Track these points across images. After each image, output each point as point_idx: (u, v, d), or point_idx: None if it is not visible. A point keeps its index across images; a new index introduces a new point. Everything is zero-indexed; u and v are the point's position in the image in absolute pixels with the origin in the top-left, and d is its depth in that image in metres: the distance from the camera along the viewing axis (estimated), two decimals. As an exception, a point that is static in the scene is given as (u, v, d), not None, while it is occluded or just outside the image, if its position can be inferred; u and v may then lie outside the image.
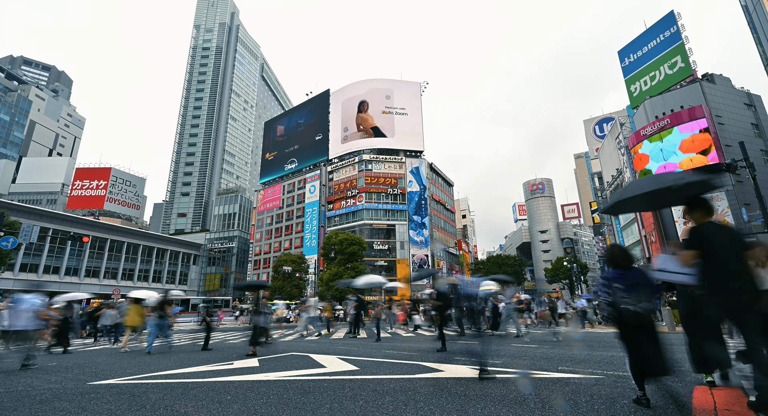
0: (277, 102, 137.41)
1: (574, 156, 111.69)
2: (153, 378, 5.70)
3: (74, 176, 75.93)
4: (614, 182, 50.45)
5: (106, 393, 4.64)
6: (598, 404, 3.52)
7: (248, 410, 3.62)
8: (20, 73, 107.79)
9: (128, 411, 3.71)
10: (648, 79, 43.02)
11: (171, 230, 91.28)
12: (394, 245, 56.20)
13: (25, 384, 5.46)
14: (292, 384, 4.93)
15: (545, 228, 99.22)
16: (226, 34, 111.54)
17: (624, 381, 4.60)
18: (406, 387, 4.51)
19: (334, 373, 5.70)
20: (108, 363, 7.71)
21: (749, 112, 38.89)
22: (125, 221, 73.81)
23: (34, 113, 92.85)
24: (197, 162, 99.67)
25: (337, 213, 60.52)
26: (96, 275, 53.95)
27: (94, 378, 5.77)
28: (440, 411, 3.43)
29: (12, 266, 44.21)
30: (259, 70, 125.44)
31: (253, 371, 6.14)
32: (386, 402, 3.79)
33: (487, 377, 4.81)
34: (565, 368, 5.70)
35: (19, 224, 32.31)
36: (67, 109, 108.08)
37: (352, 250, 43.42)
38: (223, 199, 79.60)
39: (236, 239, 74.04)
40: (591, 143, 77.46)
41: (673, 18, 40.81)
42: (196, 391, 4.59)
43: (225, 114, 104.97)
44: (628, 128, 44.78)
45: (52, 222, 49.20)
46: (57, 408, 3.87)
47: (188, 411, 3.65)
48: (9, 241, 21.48)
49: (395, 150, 62.27)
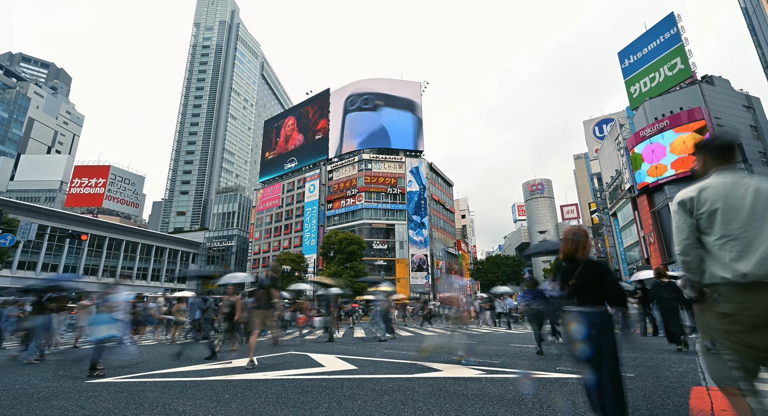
0: (277, 101, 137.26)
1: (573, 157, 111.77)
2: (151, 376, 5.70)
3: (73, 174, 75.71)
4: (613, 183, 50.50)
5: (104, 391, 4.63)
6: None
7: (246, 409, 3.62)
8: (19, 70, 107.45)
9: (126, 409, 3.71)
10: (648, 81, 43.08)
11: (170, 228, 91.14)
12: (394, 244, 56.20)
13: (22, 381, 5.46)
14: (290, 383, 4.92)
15: (544, 229, 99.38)
16: (226, 32, 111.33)
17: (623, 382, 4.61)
18: (404, 387, 4.51)
19: (333, 372, 5.70)
20: (106, 362, 7.70)
21: (748, 114, 39.00)
22: (124, 219, 73.65)
23: (32, 110, 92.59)
24: (197, 160, 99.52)
25: (337, 212, 60.49)
26: (94, 273, 53.83)
27: (92, 376, 5.77)
28: (438, 410, 3.44)
29: (10, 263, 44.10)
30: (259, 68, 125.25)
31: (251, 370, 6.14)
32: (384, 402, 3.79)
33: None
34: (563, 368, 5.71)
35: (17, 222, 32.26)
36: (65, 106, 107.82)
37: (351, 249, 43.41)
38: (222, 197, 79.50)
39: (235, 238, 73.95)
40: (590, 143, 77.55)
41: (673, 20, 40.87)
42: (194, 390, 4.59)
43: (225, 112, 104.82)
44: (627, 129, 44.85)
45: (51, 220, 49.07)
46: (55, 406, 3.86)
47: (186, 409, 3.65)
48: (7, 238, 21.44)
49: (395, 150, 62.26)
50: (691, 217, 2.02)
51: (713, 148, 2.12)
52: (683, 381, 4.58)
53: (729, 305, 1.82)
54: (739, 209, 1.88)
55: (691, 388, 4.14)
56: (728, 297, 1.83)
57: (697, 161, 2.19)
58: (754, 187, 1.90)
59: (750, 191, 1.89)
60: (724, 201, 1.91)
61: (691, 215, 2.02)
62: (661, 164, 36.52)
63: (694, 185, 2.06)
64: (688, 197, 2.03)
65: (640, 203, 40.48)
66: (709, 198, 1.95)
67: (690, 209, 2.02)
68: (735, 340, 1.80)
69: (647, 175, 37.87)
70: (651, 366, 5.73)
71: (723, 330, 1.84)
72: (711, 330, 1.92)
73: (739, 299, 1.80)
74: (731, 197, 1.91)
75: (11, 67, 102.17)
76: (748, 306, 1.76)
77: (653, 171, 37.19)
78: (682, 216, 2.04)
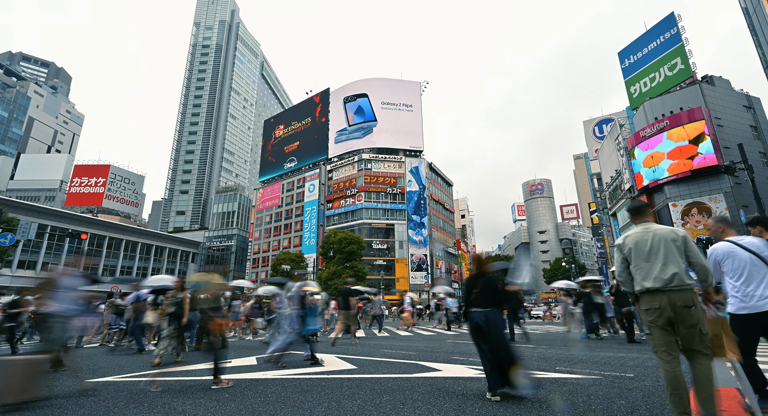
0: (277, 100, 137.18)
1: (573, 157, 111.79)
2: (150, 375, 5.69)
3: (73, 173, 75.68)
4: (613, 184, 50.50)
5: (104, 390, 4.63)
6: (595, 404, 3.53)
7: (246, 408, 3.62)
8: (19, 69, 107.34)
9: (126, 408, 3.71)
10: (648, 81, 43.02)
11: (170, 227, 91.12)
12: (393, 244, 56.21)
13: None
14: (290, 382, 4.93)
15: (544, 229, 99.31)
16: (226, 31, 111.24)
17: (621, 381, 4.61)
18: (404, 387, 4.51)
19: (333, 372, 5.71)
20: (106, 361, 7.70)
21: (748, 114, 38.95)
22: (124, 218, 73.61)
23: (32, 109, 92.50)
24: (196, 160, 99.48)
25: (336, 212, 60.49)
26: (94, 272, 53.86)
27: (91, 376, 5.77)
28: (438, 410, 3.44)
29: (10, 263, 44.08)
30: (259, 68, 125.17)
31: (250, 369, 6.14)
32: (384, 401, 3.79)
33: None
34: (563, 368, 5.71)
35: (17, 221, 32.27)
36: (65, 105, 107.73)
37: (350, 249, 43.42)
38: (222, 197, 79.49)
39: (235, 238, 73.96)
40: (590, 143, 77.50)
41: (673, 19, 40.81)
42: (193, 389, 4.59)
43: (224, 112, 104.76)
44: (627, 129, 44.81)
45: (51, 219, 49.05)
46: (54, 405, 3.86)
47: (186, 408, 3.65)
48: (7, 237, 21.44)
49: (395, 149, 62.24)
50: (621, 254, 3.18)
51: (629, 209, 3.38)
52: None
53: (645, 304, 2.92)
54: (643, 248, 3.00)
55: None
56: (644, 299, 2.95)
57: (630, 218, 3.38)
58: (652, 233, 3.01)
59: (650, 235, 3.00)
60: (635, 244, 3.06)
61: (621, 253, 3.17)
62: (657, 151, 36.43)
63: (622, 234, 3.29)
64: (619, 242, 3.23)
65: (640, 203, 40.41)
66: (628, 243, 3.12)
67: (620, 248, 3.20)
68: (651, 322, 2.84)
69: (642, 166, 37.77)
70: (651, 366, 5.73)
71: (647, 319, 2.87)
72: (644, 320, 2.91)
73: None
74: (639, 241, 3.04)
75: (11, 66, 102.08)
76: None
77: (649, 161, 37.11)
78: (617, 253, 3.26)
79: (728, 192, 32.85)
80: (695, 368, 2.72)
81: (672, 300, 2.74)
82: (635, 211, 3.29)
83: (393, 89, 65.13)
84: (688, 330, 2.71)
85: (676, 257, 2.84)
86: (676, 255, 2.85)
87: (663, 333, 2.78)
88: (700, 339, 2.71)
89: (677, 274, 2.77)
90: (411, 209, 58.03)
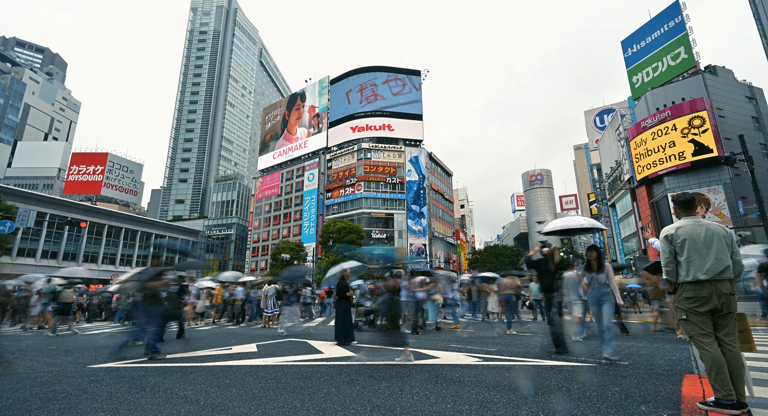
0: (276, 88, 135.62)
1: (573, 147, 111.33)
2: (152, 361, 5.76)
3: (71, 161, 75.19)
4: (613, 174, 50.42)
5: (106, 376, 4.69)
6: (590, 391, 3.60)
7: (246, 393, 3.68)
8: (13, 54, 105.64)
9: (128, 393, 3.76)
10: (650, 70, 42.55)
11: (169, 216, 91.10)
12: (393, 234, 56.35)
13: (25, 366, 5.52)
14: (289, 369, 4.99)
15: (543, 219, 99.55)
16: (223, 17, 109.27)
17: (615, 369, 4.69)
18: (402, 373, 4.58)
19: (332, 359, 5.78)
20: (108, 347, 7.78)
21: (750, 105, 38.70)
22: (123, 206, 73.52)
23: (28, 96, 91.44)
24: (195, 148, 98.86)
25: (336, 201, 60.44)
26: (94, 260, 53.98)
27: (93, 362, 5.84)
28: (435, 396, 3.50)
29: (9, 250, 44.15)
30: (258, 55, 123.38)
31: (251, 356, 6.22)
32: (382, 387, 3.85)
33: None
34: (559, 356, 5.79)
35: (15, 209, 32.18)
36: (62, 92, 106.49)
37: (350, 238, 43.53)
38: (221, 186, 79.27)
39: (234, 227, 74.01)
40: (591, 134, 77.11)
41: (678, 8, 40.15)
42: (195, 375, 4.65)
43: (223, 100, 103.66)
44: (628, 119, 44.53)
45: (49, 207, 48.94)
46: (57, 391, 3.91)
47: (187, 394, 3.70)
48: (6, 225, 21.43)
49: (395, 139, 61.89)
50: (670, 245, 3.25)
51: (677, 202, 3.42)
52: (676, 369, 4.66)
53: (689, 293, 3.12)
54: (697, 240, 3.13)
55: (683, 376, 4.21)
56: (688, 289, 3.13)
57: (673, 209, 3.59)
58: (705, 227, 3.15)
59: (703, 230, 3.14)
60: (690, 236, 3.17)
61: (671, 243, 3.25)
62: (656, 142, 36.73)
63: (672, 225, 3.34)
64: (669, 233, 3.30)
65: (639, 194, 40.48)
66: (681, 234, 3.21)
67: (671, 239, 3.27)
68: (692, 310, 3.07)
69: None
70: (645, 355, 5.82)
71: (687, 306, 3.10)
72: (680, 308, 3.15)
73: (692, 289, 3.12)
74: (694, 234, 3.16)
75: (5, 52, 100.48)
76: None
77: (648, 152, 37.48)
78: (665, 243, 3.29)
79: (727, 183, 32.85)
80: (728, 352, 2.92)
81: (718, 290, 2.99)
82: (685, 204, 3.37)
83: (393, 77, 64.43)
84: (729, 314, 2.98)
85: (726, 252, 3.07)
86: (726, 250, 3.08)
87: (704, 319, 3.02)
88: (734, 324, 3.00)
89: (728, 268, 3.02)
90: (410, 198, 58.00)
